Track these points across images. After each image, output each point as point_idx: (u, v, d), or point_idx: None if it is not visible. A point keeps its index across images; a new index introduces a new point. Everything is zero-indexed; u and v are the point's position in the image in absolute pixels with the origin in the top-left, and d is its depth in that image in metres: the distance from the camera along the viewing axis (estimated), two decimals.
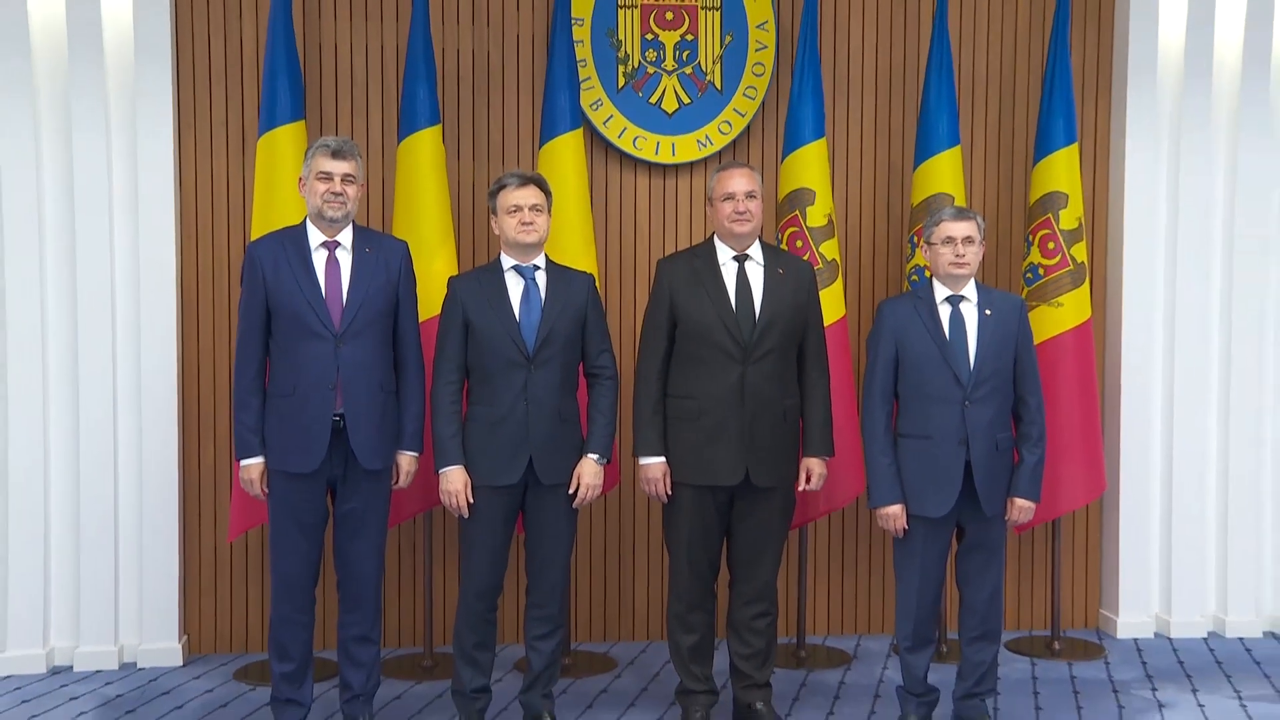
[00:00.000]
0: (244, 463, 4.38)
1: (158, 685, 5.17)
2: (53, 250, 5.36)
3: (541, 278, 4.53)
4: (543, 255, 4.55)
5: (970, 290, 4.48)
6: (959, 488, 4.39)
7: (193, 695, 5.06)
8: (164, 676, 5.28)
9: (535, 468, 4.43)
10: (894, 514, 4.44)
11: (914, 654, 4.57)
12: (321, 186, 4.36)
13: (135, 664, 5.41)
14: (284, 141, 5.14)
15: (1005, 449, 4.46)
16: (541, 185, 4.54)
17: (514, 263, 4.52)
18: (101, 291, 5.35)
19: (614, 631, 5.85)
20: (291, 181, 5.02)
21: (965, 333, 4.43)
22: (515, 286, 4.48)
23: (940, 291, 4.47)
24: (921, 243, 4.60)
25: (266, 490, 4.40)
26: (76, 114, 5.30)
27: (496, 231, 4.55)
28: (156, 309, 5.40)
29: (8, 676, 5.27)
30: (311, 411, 4.30)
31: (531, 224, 4.46)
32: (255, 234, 5.12)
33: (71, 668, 5.37)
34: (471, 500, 4.44)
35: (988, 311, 4.46)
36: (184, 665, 5.43)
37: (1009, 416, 4.49)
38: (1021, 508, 4.48)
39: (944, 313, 4.45)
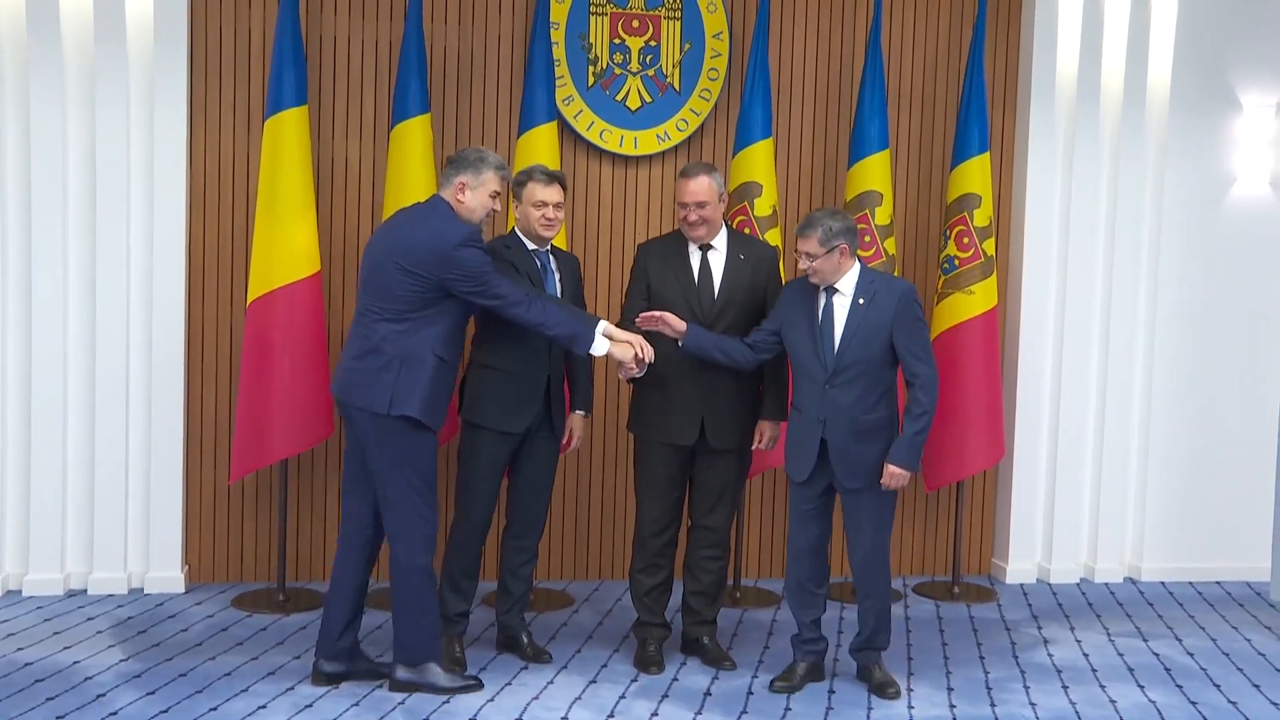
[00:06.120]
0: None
1: (164, 610, 5.34)
2: (75, 215, 5.44)
3: (553, 261, 4.79)
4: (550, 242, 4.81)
5: (847, 282, 4.50)
6: (814, 458, 4.49)
7: (196, 619, 5.23)
8: (169, 602, 5.45)
9: (552, 419, 4.72)
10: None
11: (794, 607, 4.71)
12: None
13: (142, 589, 5.57)
14: (288, 124, 5.25)
15: (873, 429, 4.47)
16: (563, 184, 4.76)
17: (533, 247, 4.74)
18: (118, 254, 5.45)
19: (569, 570, 6.04)
20: (294, 160, 5.23)
21: (833, 322, 4.49)
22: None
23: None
24: None
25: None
26: (100, 93, 5.40)
27: (517, 215, 4.73)
28: (167, 271, 5.51)
29: (30, 596, 5.44)
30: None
31: (554, 220, 4.69)
32: (261, 205, 5.25)
33: (85, 591, 5.52)
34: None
35: (861, 301, 4.47)
36: (185, 592, 5.59)
37: (880, 398, 4.49)
38: (892, 473, 4.44)
39: (820, 302, 4.53)
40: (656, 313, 4.60)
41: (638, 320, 4.61)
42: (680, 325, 4.58)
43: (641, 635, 4.91)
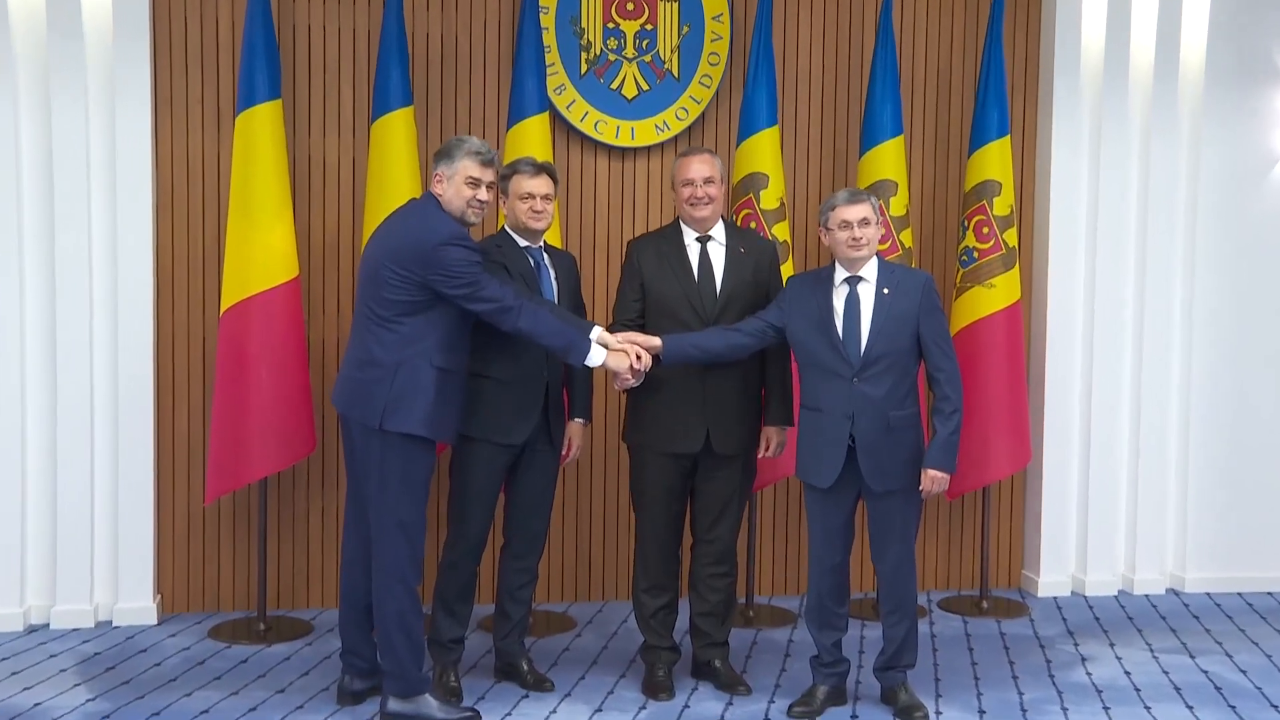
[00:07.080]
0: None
1: (134, 643, 5.09)
2: (30, 222, 5.26)
3: (547, 259, 4.61)
4: (543, 237, 4.63)
5: (870, 270, 4.36)
6: (842, 460, 4.30)
7: (170, 653, 4.99)
8: (140, 635, 5.21)
9: (550, 429, 4.55)
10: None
11: (814, 628, 4.52)
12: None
13: (110, 622, 5.34)
14: (261, 119, 5.11)
15: (903, 426, 4.33)
16: (552, 175, 4.59)
17: (525, 244, 4.56)
18: (79, 263, 5.26)
19: (570, 592, 5.85)
20: (268, 157, 5.09)
21: (859, 313, 4.32)
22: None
23: (840, 273, 4.37)
24: (820, 227, 4.47)
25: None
26: (55, 90, 5.19)
27: (505, 212, 4.59)
28: (133, 281, 5.32)
29: None
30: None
31: (542, 212, 4.52)
32: (234, 206, 5.10)
33: (48, 625, 5.29)
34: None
35: (885, 291, 4.34)
36: (158, 624, 5.35)
37: (907, 394, 4.36)
38: (933, 478, 4.32)
39: (842, 293, 4.35)
40: (628, 337, 4.40)
41: (613, 345, 4.34)
42: (655, 342, 4.38)
43: (649, 659, 4.73)
